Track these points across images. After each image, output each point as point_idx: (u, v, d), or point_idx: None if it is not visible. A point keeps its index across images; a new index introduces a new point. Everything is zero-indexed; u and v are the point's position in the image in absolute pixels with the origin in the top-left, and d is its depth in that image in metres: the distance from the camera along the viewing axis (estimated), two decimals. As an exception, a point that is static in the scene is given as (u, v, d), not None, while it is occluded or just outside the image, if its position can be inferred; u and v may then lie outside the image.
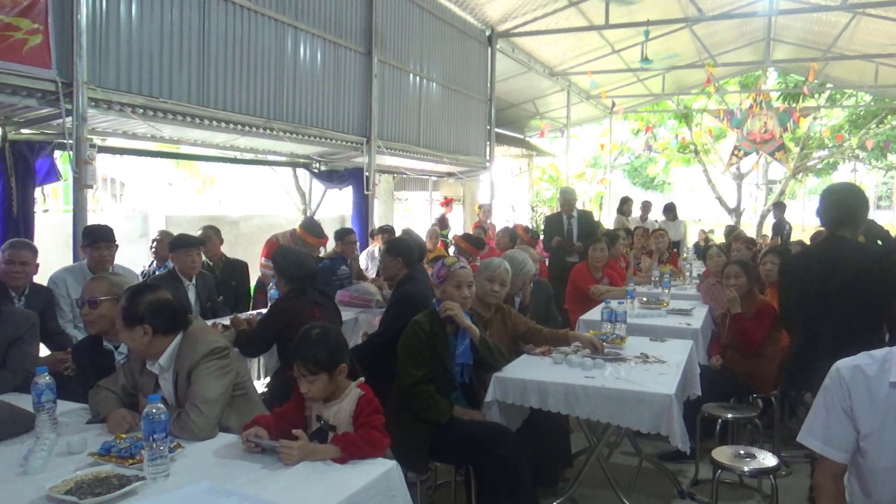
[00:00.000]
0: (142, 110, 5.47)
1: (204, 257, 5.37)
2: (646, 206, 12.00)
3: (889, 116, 18.95)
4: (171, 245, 5.10)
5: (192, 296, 4.99)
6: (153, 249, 6.26)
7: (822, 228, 8.10)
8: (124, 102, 5.31)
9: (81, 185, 5.10)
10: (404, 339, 3.38)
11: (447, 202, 11.65)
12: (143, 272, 6.05)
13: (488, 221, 10.96)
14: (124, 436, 2.34)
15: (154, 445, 2.10)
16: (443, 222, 10.14)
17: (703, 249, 8.38)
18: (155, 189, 13.83)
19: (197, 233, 5.76)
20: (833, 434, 2.03)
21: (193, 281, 5.04)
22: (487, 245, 7.97)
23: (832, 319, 3.30)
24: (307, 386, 2.43)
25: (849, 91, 18.23)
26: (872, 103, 18.49)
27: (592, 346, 3.82)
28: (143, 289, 2.68)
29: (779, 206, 13.16)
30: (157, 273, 5.72)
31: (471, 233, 8.75)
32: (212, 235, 5.99)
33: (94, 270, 4.29)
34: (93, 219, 5.55)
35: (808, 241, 7.24)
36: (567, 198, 8.48)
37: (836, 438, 2.03)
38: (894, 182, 23.40)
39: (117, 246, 4.55)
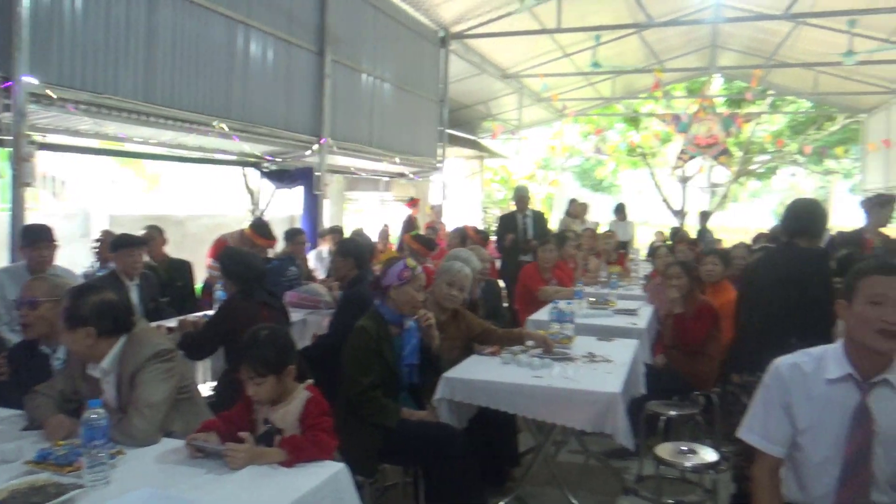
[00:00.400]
0: (85, 106, 5.31)
1: (147, 257, 5.26)
2: (583, 208, 12.39)
3: (827, 123, 19.67)
4: (112, 245, 4.97)
5: (134, 297, 4.85)
6: (96, 250, 6.09)
7: (765, 231, 8.51)
8: (67, 98, 5.14)
9: (20, 183, 4.94)
10: (351, 346, 3.34)
11: (413, 203, 11.37)
12: (84, 273, 5.88)
13: (439, 222, 10.96)
14: (62, 442, 2.27)
15: (93, 452, 2.04)
16: (411, 223, 9.99)
17: (654, 249, 8.58)
18: (98, 187, 13.45)
19: (140, 232, 5.63)
20: (771, 429, 2.10)
21: (136, 281, 4.92)
22: (438, 246, 7.97)
23: (762, 313, 3.62)
24: (254, 388, 2.40)
25: (789, 98, 18.84)
26: (812, 110, 19.15)
27: (545, 344, 3.87)
28: (86, 289, 2.60)
29: (703, 215, 13.97)
30: (98, 274, 5.57)
31: (421, 233, 8.73)
32: (155, 235, 5.86)
33: (34, 271, 4.14)
34: (31, 218, 5.37)
35: (748, 242, 7.46)
36: (521, 195, 8.54)
37: (773, 433, 2.10)
38: (831, 187, 24.31)
39: (56, 246, 4.40)
